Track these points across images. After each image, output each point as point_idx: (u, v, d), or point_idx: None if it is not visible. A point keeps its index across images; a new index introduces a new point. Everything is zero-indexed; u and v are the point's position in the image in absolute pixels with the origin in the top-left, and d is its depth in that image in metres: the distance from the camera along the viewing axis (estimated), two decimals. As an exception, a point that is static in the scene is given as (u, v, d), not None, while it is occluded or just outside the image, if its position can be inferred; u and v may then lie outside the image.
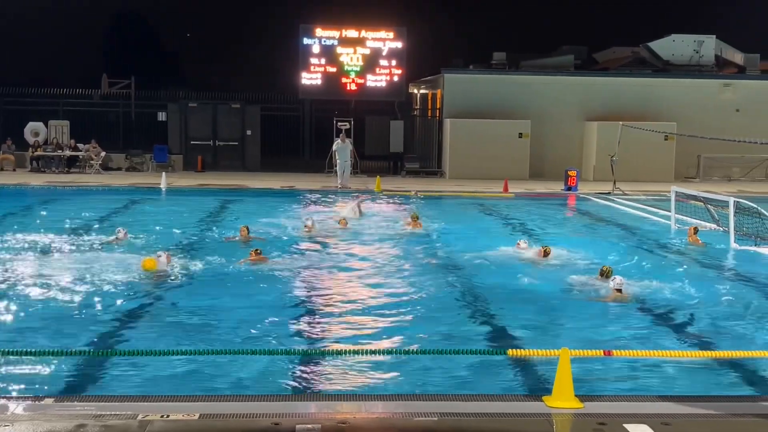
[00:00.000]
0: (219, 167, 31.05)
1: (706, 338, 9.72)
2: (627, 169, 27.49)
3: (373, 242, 16.16)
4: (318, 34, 30.64)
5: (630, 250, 15.78)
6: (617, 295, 11.57)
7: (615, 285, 11.64)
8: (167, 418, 6.50)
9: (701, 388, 7.94)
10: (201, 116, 31.56)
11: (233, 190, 24.94)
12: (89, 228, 17.17)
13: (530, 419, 6.70)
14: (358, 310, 10.89)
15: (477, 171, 29.31)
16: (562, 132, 31.06)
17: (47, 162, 29.11)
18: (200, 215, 19.59)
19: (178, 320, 10.14)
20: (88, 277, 12.15)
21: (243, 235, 15.72)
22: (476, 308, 11.18)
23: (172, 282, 12.23)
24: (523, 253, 14.70)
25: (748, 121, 30.75)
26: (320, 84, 30.79)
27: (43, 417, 6.53)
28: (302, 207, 21.63)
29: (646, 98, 31.18)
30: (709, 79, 32.39)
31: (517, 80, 31.61)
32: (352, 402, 7.11)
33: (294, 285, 12.40)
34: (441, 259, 14.47)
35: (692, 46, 33.27)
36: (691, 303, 11.45)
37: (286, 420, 6.51)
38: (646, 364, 8.50)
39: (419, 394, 7.44)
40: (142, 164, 30.64)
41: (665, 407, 7.00)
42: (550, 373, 7.58)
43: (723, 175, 30.95)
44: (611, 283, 11.71)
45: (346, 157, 26.45)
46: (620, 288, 11.61)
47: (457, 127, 30.23)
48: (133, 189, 24.76)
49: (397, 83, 31.07)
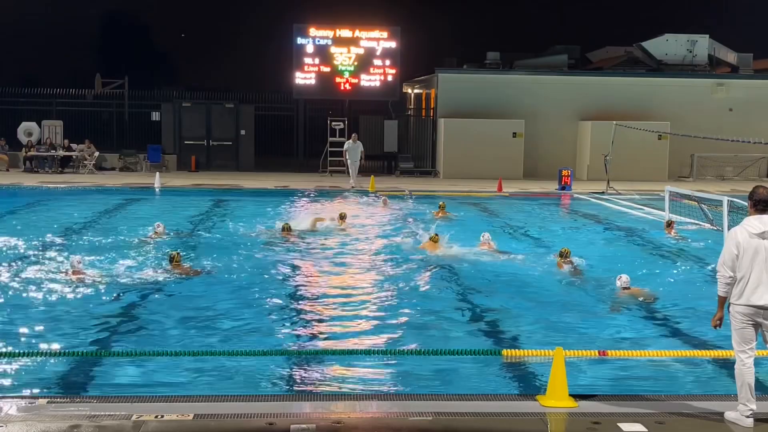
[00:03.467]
0: (213, 167, 31.03)
1: (700, 337, 9.74)
2: (621, 168, 27.52)
3: (368, 242, 16.16)
4: (312, 34, 30.62)
5: (623, 250, 15.82)
6: (627, 293, 11.69)
7: (621, 284, 11.79)
8: (161, 419, 6.49)
9: (695, 388, 7.96)
10: (195, 116, 31.53)
11: (227, 190, 24.92)
12: (78, 229, 17.16)
13: (525, 419, 6.71)
14: (352, 311, 10.88)
15: (471, 170, 29.33)
16: (556, 131, 31.10)
17: (41, 162, 29.04)
18: (192, 214, 19.57)
19: (173, 320, 10.11)
20: (79, 278, 12.11)
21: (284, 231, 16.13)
22: (471, 307, 11.18)
23: (166, 282, 12.20)
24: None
25: (741, 120, 30.85)
26: (314, 84, 30.77)
27: (37, 418, 6.52)
28: (294, 207, 21.62)
29: (640, 98, 31.24)
30: (703, 78, 32.48)
31: (511, 80, 31.65)
32: (346, 402, 7.11)
33: (288, 285, 12.39)
34: (436, 259, 14.46)
35: (685, 46, 33.36)
36: (685, 302, 11.47)
37: (280, 420, 6.50)
38: (640, 363, 8.52)
39: (414, 393, 7.44)
40: (136, 164, 30.60)
41: (659, 406, 7.01)
42: (544, 372, 7.58)
43: (716, 174, 31.03)
44: (618, 283, 11.85)
45: (357, 156, 26.49)
46: (627, 286, 11.75)
47: (451, 127, 30.25)
48: (126, 189, 24.72)
49: (391, 83, 31.05)
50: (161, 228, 16.06)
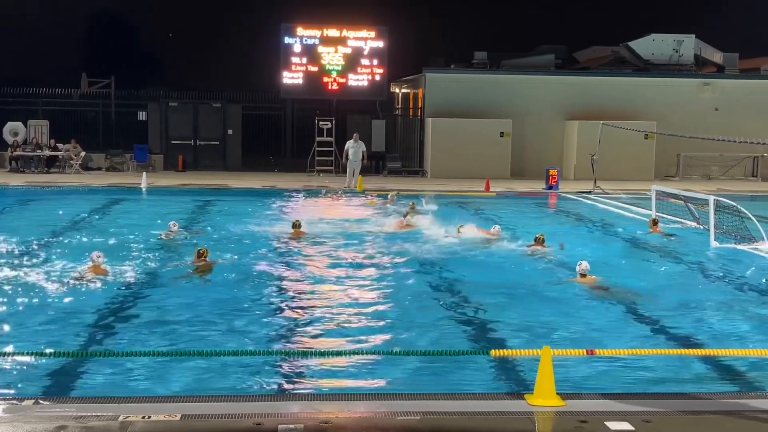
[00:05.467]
0: (200, 167, 30.95)
1: (686, 336, 9.79)
2: (607, 167, 27.63)
3: (355, 242, 16.14)
4: (299, 33, 30.57)
5: (609, 249, 15.87)
6: (582, 280, 12.04)
7: (580, 270, 12.17)
8: (148, 419, 6.47)
9: (682, 386, 7.99)
10: (182, 116, 31.43)
11: (214, 190, 24.86)
12: (64, 230, 17.09)
13: (512, 417, 6.72)
14: (340, 311, 10.86)
15: (459, 170, 29.37)
16: (543, 131, 31.18)
17: (26, 162, 28.90)
18: (179, 214, 19.52)
19: (160, 320, 10.08)
20: (65, 279, 12.06)
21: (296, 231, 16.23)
22: (458, 307, 11.19)
23: (151, 282, 12.16)
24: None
25: (727, 119, 31.00)
26: (302, 83, 30.73)
27: (23, 419, 6.48)
28: (286, 208, 21.60)
29: (627, 97, 31.36)
30: (689, 78, 32.63)
31: (498, 79, 31.70)
32: (334, 402, 7.10)
33: (276, 285, 12.37)
34: (424, 258, 14.47)
35: (672, 46, 33.49)
36: (671, 301, 11.50)
37: (268, 420, 6.49)
38: (628, 362, 8.55)
39: (402, 393, 7.43)
40: (123, 164, 30.49)
41: (646, 404, 7.03)
42: (532, 371, 7.60)
43: (702, 173, 31.18)
44: (577, 268, 12.25)
45: (358, 157, 26.34)
46: (584, 273, 12.12)
47: (438, 127, 30.27)
48: (113, 189, 24.62)
49: (378, 82, 31.05)
50: (176, 227, 16.05)
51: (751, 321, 10.54)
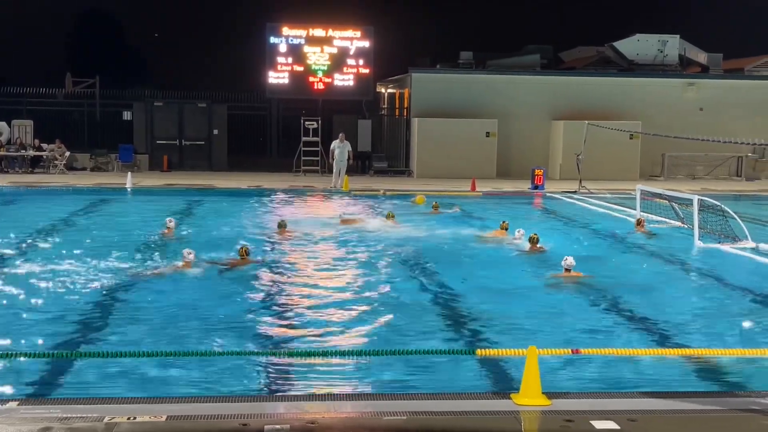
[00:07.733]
0: (185, 167, 30.87)
1: (670, 335, 9.83)
2: (593, 167, 27.72)
3: (341, 242, 16.13)
4: (285, 33, 30.52)
5: (594, 248, 15.93)
6: (567, 275, 12.35)
7: (565, 265, 12.47)
8: (134, 420, 6.44)
9: (667, 385, 8.02)
10: (167, 115, 31.33)
11: (200, 190, 24.79)
12: (49, 231, 17.00)
13: (498, 417, 6.73)
14: (325, 311, 10.85)
15: (445, 170, 29.41)
16: (529, 131, 31.27)
17: (10, 162, 28.74)
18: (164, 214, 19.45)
19: (145, 321, 10.03)
20: (56, 279, 12.00)
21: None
22: (444, 306, 11.20)
23: (138, 282, 12.11)
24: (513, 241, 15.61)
25: (712, 119, 31.19)
26: (287, 83, 30.68)
27: (8, 421, 6.44)
28: (277, 208, 21.57)
29: (612, 97, 31.50)
30: (673, 78, 32.81)
31: (484, 79, 31.77)
32: (320, 402, 7.10)
33: (262, 285, 12.34)
34: (409, 258, 14.47)
35: (656, 46, 33.65)
36: (655, 300, 11.56)
37: (254, 420, 6.47)
38: (613, 361, 8.57)
39: (388, 393, 7.44)
40: (107, 164, 30.38)
41: (631, 403, 7.06)
42: (518, 370, 7.61)
43: (687, 173, 31.35)
44: (563, 263, 12.53)
45: (344, 157, 26.29)
46: (569, 268, 12.40)
47: (424, 127, 30.30)
48: (98, 189, 24.51)
49: (364, 82, 31.04)
50: (172, 223, 15.97)
51: (735, 320, 10.59)
